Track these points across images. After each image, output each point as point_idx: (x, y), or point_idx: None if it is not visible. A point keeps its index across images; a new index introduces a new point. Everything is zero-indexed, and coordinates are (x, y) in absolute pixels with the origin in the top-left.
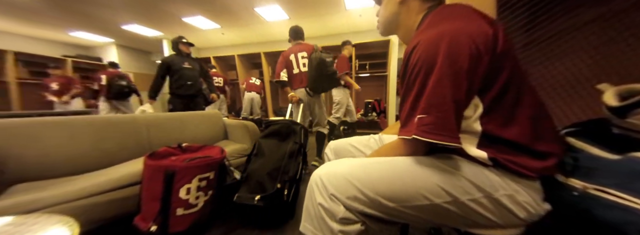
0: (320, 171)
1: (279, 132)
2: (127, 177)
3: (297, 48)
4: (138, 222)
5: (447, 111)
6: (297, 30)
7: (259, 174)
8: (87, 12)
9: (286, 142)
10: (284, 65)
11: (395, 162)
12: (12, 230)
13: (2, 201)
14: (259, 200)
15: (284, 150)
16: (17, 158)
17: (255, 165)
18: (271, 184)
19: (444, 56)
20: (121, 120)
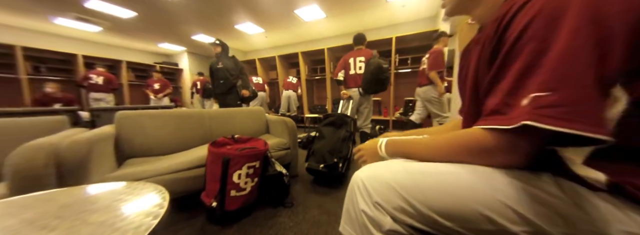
0: (361, 173)
1: (335, 122)
2: (196, 160)
3: (356, 53)
4: (203, 198)
5: (588, 88)
6: (360, 37)
7: (322, 151)
8: (171, 28)
9: (340, 130)
10: (342, 67)
11: (457, 174)
12: (127, 192)
13: (121, 171)
14: (323, 167)
15: (338, 136)
16: (129, 140)
17: (319, 145)
18: (330, 158)
19: (582, 10)
20: (193, 113)
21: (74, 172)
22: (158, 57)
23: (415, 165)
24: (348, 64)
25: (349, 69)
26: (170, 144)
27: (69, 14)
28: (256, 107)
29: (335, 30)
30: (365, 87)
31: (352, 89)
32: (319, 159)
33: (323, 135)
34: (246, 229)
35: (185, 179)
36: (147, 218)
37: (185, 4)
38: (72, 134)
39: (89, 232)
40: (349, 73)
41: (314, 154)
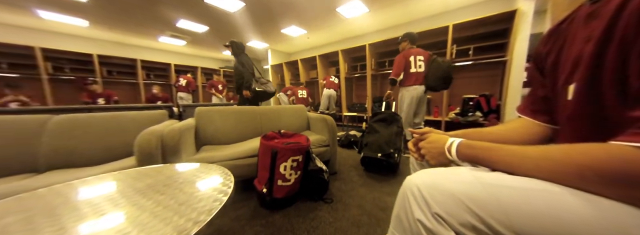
0: (417, 179)
1: (386, 119)
2: (251, 151)
3: (416, 51)
4: (256, 184)
5: None
6: (415, 36)
7: (379, 142)
8: (232, 37)
9: (392, 126)
10: (403, 65)
11: (559, 196)
12: (204, 171)
13: (199, 154)
14: (381, 156)
15: (391, 131)
16: (204, 130)
17: (372, 138)
18: (387, 148)
19: None
20: (247, 110)
21: (171, 152)
22: (221, 62)
23: (491, 176)
24: (409, 61)
25: (410, 67)
26: (231, 135)
27: (167, 33)
28: (299, 105)
29: (377, 24)
30: (435, 85)
31: (413, 86)
32: (376, 149)
33: (376, 130)
34: (290, 217)
35: (242, 166)
36: (219, 194)
37: (243, 15)
38: (169, 124)
39: (184, 199)
40: (410, 71)
41: (367, 146)
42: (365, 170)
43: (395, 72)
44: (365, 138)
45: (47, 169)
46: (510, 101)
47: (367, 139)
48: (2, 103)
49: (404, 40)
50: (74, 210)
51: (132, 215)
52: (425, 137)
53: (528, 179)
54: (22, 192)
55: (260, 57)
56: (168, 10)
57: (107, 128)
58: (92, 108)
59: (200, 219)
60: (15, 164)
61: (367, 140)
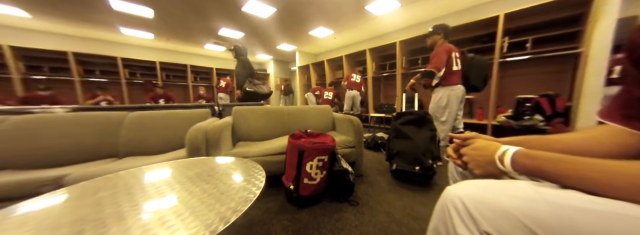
0: (460, 191)
1: (415, 121)
2: (279, 148)
3: (453, 47)
4: (284, 180)
5: None
6: (450, 29)
7: (414, 152)
8: (265, 41)
9: (423, 129)
10: (446, 59)
11: None
12: (239, 165)
13: (235, 149)
14: (420, 169)
15: (425, 135)
16: (239, 128)
17: (404, 145)
18: (425, 159)
19: None
20: (276, 109)
21: (213, 146)
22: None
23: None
24: (451, 58)
25: (452, 63)
26: (262, 133)
27: (211, 41)
28: (324, 105)
29: (408, 20)
30: (477, 85)
31: (457, 85)
32: (411, 160)
33: (406, 134)
34: (316, 215)
35: (271, 162)
36: (253, 187)
37: (274, 19)
38: (212, 122)
39: (224, 189)
40: (452, 68)
41: (399, 155)
42: (394, 178)
43: (436, 65)
44: (394, 144)
45: (124, 155)
46: (585, 103)
47: (398, 146)
48: (95, 102)
49: (437, 33)
50: (143, 190)
51: (184, 198)
52: (469, 142)
53: (617, 202)
54: (108, 173)
55: (289, 59)
56: (214, 21)
57: (165, 124)
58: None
59: (238, 209)
60: (103, 150)
61: (398, 149)
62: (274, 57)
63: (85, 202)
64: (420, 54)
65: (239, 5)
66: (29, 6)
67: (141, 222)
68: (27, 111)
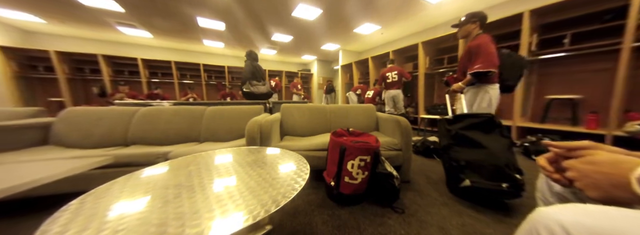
0: (562, 216)
1: (482, 125)
2: (321, 144)
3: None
4: (325, 176)
5: None
6: (486, 18)
7: (492, 163)
8: (311, 42)
9: (493, 135)
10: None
11: None
12: (286, 156)
13: (282, 143)
14: (508, 187)
15: (503, 143)
16: (286, 123)
17: (474, 155)
18: (512, 173)
19: None
20: (318, 107)
21: (265, 138)
22: (299, 65)
23: None
24: (497, 49)
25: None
26: (306, 129)
27: (265, 45)
28: (368, 104)
29: (475, 4)
30: (514, 84)
31: (496, 84)
32: (489, 174)
33: (476, 142)
34: (356, 216)
35: (314, 157)
36: (298, 178)
37: (320, 20)
38: (265, 117)
39: (275, 176)
40: None
41: (471, 168)
42: (458, 194)
43: (492, 62)
44: (459, 154)
45: (203, 140)
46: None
47: (465, 156)
48: (186, 98)
49: (473, 21)
50: (216, 168)
51: (244, 180)
52: (581, 154)
53: None
54: (194, 153)
55: (332, 59)
56: (268, 28)
57: (231, 117)
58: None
59: (287, 195)
60: (190, 135)
61: (468, 159)
62: (318, 57)
63: (181, 172)
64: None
65: (289, 11)
66: (152, 29)
67: (216, 193)
68: (149, 104)
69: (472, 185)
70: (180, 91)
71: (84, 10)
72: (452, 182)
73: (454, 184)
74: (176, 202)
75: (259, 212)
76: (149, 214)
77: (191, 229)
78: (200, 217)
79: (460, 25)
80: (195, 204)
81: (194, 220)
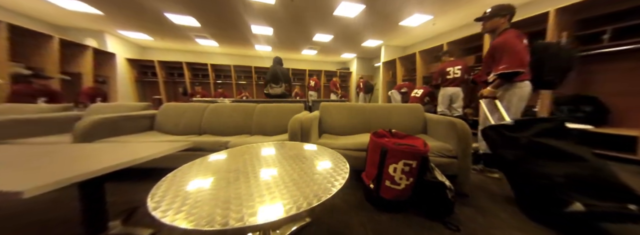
0: None
1: (555, 131)
2: (360, 144)
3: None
4: (364, 177)
5: None
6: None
7: (606, 179)
8: (351, 40)
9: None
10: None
11: None
12: (326, 153)
13: (321, 140)
14: (638, 209)
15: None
16: (324, 121)
17: (576, 169)
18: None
19: None
20: (357, 106)
21: (305, 135)
22: (338, 64)
23: None
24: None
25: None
26: (344, 128)
27: (307, 46)
28: (415, 104)
29: None
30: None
31: (524, 82)
32: (607, 194)
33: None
34: (399, 224)
35: (351, 157)
36: (338, 176)
37: (362, 17)
38: (305, 114)
39: (317, 171)
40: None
41: (572, 187)
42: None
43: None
44: (549, 169)
45: (254, 133)
46: None
47: (560, 171)
48: (241, 97)
49: (501, 14)
50: (264, 159)
51: (288, 172)
52: None
53: None
54: (247, 143)
55: (372, 56)
56: (311, 29)
57: (275, 113)
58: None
59: (327, 191)
60: (244, 128)
61: (565, 174)
62: (357, 55)
63: (238, 159)
64: (604, 25)
65: (331, 10)
66: (218, 39)
67: (265, 180)
68: (215, 101)
69: (587, 210)
70: (237, 90)
71: (176, 28)
72: (543, 204)
73: (549, 208)
74: (236, 184)
75: (301, 204)
76: (216, 191)
77: (247, 209)
78: (253, 200)
79: (486, 18)
80: (249, 188)
81: (249, 202)
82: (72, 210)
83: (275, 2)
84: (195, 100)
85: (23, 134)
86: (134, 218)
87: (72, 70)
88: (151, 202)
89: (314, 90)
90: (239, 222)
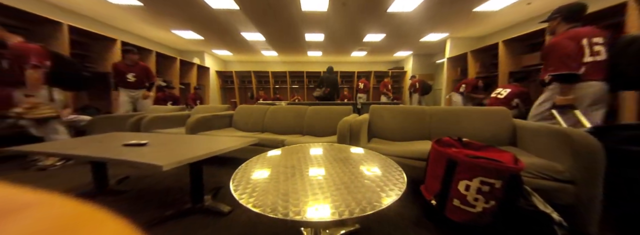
0: None
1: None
2: (418, 153)
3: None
4: (423, 190)
5: None
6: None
7: None
8: (407, 37)
9: None
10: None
11: None
12: (376, 158)
13: (371, 144)
14: None
15: None
16: (374, 125)
17: None
18: None
19: None
20: (414, 110)
21: (354, 138)
22: (390, 64)
23: None
24: (582, 46)
25: (583, 54)
26: (396, 133)
27: (356, 48)
28: (498, 107)
29: None
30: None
31: (588, 83)
32: None
33: None
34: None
35: (407, 166)
36: (394, 186)
37: (422, 9)
38: (354, 117)
39: (368, 177)
40: (582, 60)
41: None
42: None
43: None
44: None
45: (305, 134)
46: None
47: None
48: (293, 99)
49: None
50: (316, 159)
51: (339, 174)
52: None
53: None
54: (300, 142)
55: (433, 51)
56: (362, 31)
57: (325, 115)
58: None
59: (381, 200)
60: (296, 128)
61: None
62: (414, 52)
63: (293, 157)
64: None
65: (384, 8)
66: (278, 49)
67: (318, 180)
68: (274, 104)
69: None
70: (290, 93)
71: (247, 44)
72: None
73: None
74: (293, 180)
75: (354, 209)
76: (277, 183)
77: (304, 204)
78: (308, 197)
79: (547, 21)
80: (304, 184)
81: (305, 198)
82: (185, 184)
83: (327, 9)
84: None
85: (161, 126)
86: (219, 195)
87: (185, 81)
88: (232, 185)
89: (363, 93)
90: (297, 215)
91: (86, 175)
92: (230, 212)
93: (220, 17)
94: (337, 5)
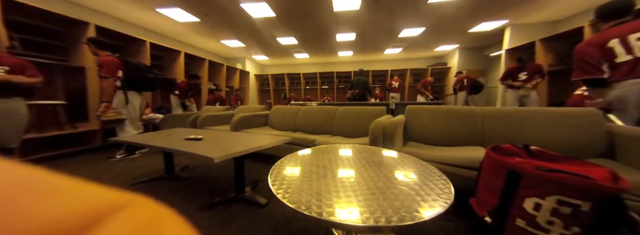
0: None
1: None
2: (466, 160)
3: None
4: (473, 204)
5: None
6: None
7: None
8: (450, 29)
9: None
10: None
11: None
12: (409, 162)
13: (406, 148)
14: None
15: None
16: (411, 127)
17: None
18: None
19: None
20: (462, 111)
21: (388, 140)
22: (430, 60)
23: None
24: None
25: (615, 54)
26: (438, 137)
27: (390, 45)
28: (586, 108)
29: None
30: None
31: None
32: None
33: None
34: None
35: (453, 175)
36: (439, 197)
37: None
38: (387, 118)
39: (406, 184)
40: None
41: None
42: None
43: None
44: None
45: (335, 134)
46: None
47: None
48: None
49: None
50: (348, 160)
51: (373, 178)
52: None
53: None
54: (331, 143)
55: (486, 43)
56: (398, 26)
57: (356, 117)
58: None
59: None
60: (326, 129)
61: None
62: (460, 45)
63: (324, 156)
64: None
65: None
66: (309, 51)
67: (351, 182)
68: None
69: None
70: (320, 94)
71: (281, 48)
72: None
73: None
74: (325, 180)
75: (391, 217)
76: (310, 182)
77: (337, 206)
78: (340, 199)
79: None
80: (336, 186)
81: (338, 199)
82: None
83: (359, 7)
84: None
85: (212, 124)
86: (257, 188)
87: (229, 85)
88: (270, 180)
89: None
90: (331, 216)
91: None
92: (267, 204)
93: (259, 25)
94: (369, 2)
